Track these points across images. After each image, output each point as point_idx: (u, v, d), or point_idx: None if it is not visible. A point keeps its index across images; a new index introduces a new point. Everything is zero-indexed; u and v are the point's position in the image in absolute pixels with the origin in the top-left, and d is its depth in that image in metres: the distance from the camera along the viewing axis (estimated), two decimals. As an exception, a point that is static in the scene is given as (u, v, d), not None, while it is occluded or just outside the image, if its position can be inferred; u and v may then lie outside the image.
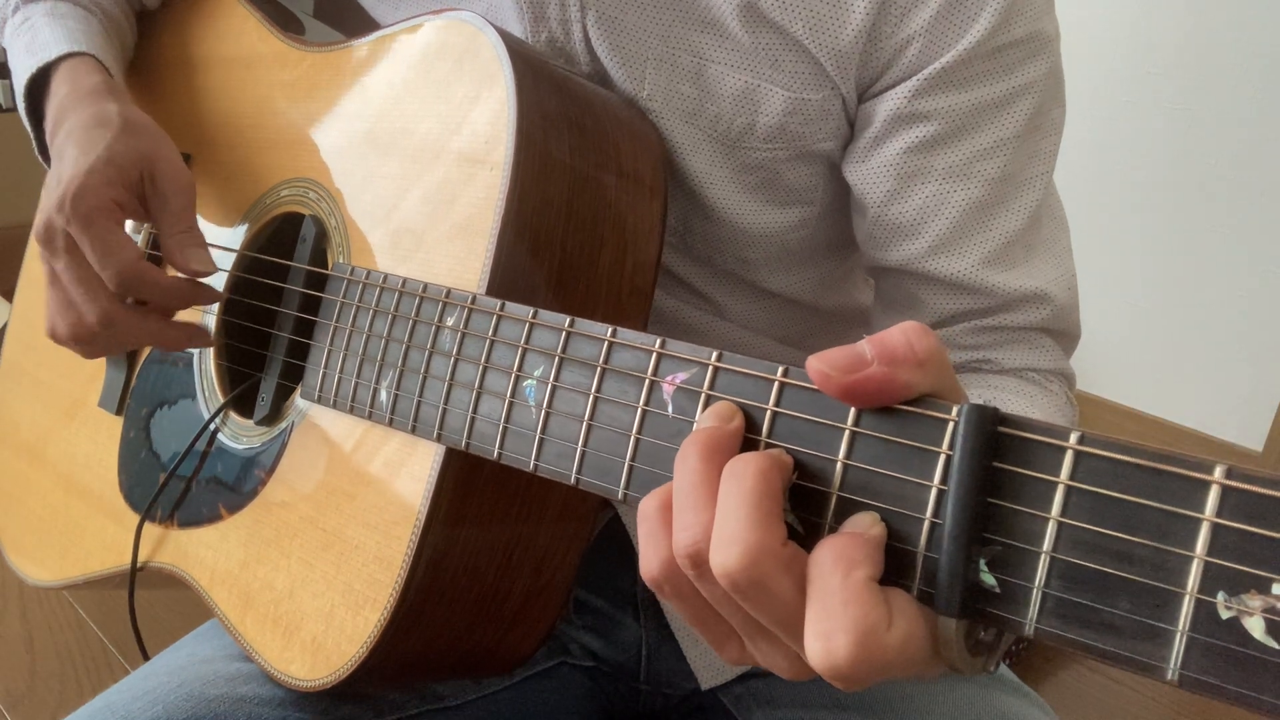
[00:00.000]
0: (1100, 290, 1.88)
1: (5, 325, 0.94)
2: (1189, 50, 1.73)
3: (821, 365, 0.36)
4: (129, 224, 0.82)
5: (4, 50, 0.83)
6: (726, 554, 0.35)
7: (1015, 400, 0.63)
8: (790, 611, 0.36)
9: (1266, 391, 1.76)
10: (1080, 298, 0.69)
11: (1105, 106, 1.82)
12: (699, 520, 0.37)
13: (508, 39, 0.59)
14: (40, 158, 0.77)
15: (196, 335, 0.71)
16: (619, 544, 0.73)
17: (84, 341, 0.68)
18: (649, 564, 0.39)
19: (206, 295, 0.69)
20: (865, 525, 0.36)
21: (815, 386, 0.38)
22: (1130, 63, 1.79)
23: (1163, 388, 1.88)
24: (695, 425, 0.41)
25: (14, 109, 0.78)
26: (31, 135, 0.78)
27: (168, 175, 0.67)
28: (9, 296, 0.97)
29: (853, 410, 0.37)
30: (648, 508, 0.40)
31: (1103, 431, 0.31)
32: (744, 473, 0.37)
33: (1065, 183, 0.67)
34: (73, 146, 0.67)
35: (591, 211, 0.59)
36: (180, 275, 0.67)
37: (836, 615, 0.34)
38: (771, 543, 0.35)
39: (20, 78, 0.76)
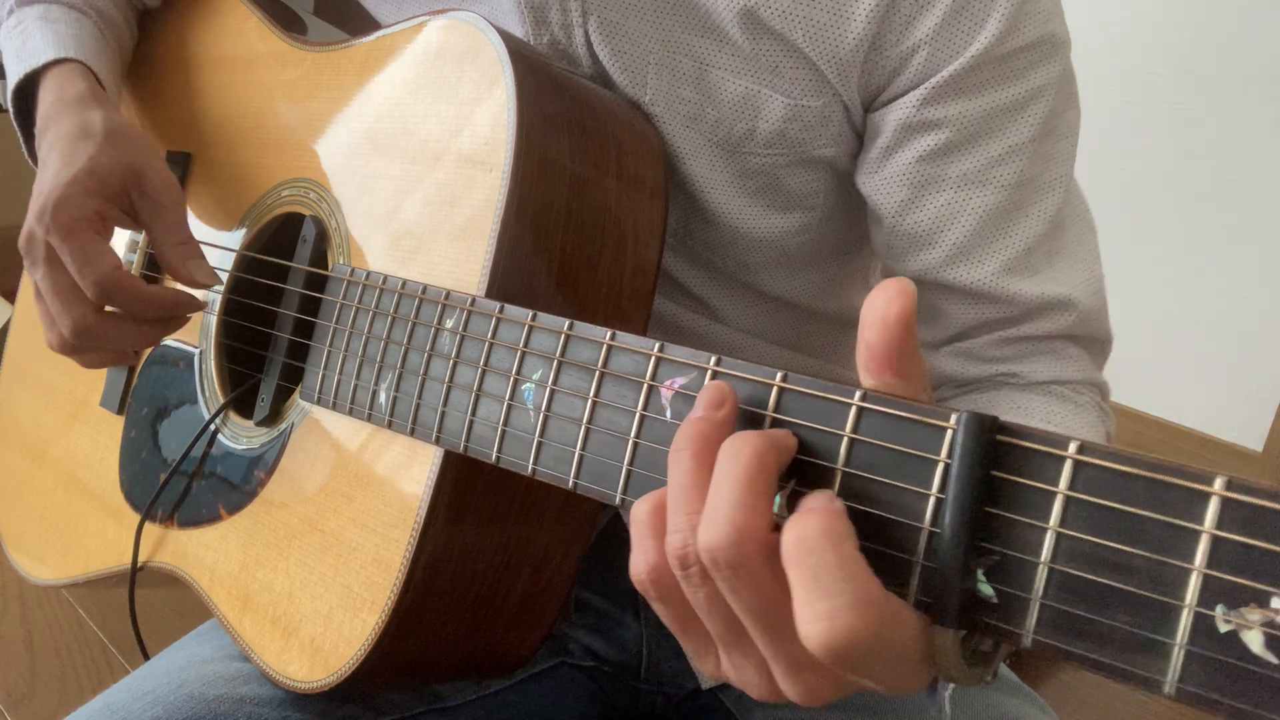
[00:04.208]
0: (1100, 290, 1.87)
1: (7, 324, 0.94)
2: (1188, 50, 1.73)
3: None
4: (125, 241, 0.82)
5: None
6: (712, 530, 0.36)
7: (1043, 425, 0.62)
8: (769, 601, 0.36)
9: (1266, 391, 1.76)
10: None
11: (1104, 107, 1.82)
12: (690, 523, 0.37)
13: (509, 40, 0.59)
14: (31, 162, 0.77)
15: (170, 327, 0.70)
16: (619, 543, 0.72)
17: (71, 352, 0.68)
18: (637, 567, 0.39)
19: (187, 304, 0.69)
20: (827, 500, 0.36)
21: (814, 391, 0.38)
22: (1129, 63, 1.79)
23: (1163, 388, 1.88)
24: (687, 415, 0.41)
25: (13, 110, 0.78)
26: (22, 141, 0.77)
27: (158, 186, 0.67)
28: (10, 297, 0.97)
29: (851, 416, 0.37)
30: (640, 512, 0.40)
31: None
32: (740, 451, 0.37)
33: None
34: (56, 156, 0.66)
35: (592, 214, 0.59)
36: (161, 285, 0.66)
37: (836, 590, 0.33)
38: (759, 527, 0.35)
39: (10, 84, 0.76)
